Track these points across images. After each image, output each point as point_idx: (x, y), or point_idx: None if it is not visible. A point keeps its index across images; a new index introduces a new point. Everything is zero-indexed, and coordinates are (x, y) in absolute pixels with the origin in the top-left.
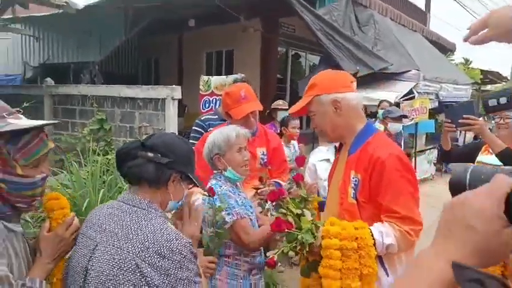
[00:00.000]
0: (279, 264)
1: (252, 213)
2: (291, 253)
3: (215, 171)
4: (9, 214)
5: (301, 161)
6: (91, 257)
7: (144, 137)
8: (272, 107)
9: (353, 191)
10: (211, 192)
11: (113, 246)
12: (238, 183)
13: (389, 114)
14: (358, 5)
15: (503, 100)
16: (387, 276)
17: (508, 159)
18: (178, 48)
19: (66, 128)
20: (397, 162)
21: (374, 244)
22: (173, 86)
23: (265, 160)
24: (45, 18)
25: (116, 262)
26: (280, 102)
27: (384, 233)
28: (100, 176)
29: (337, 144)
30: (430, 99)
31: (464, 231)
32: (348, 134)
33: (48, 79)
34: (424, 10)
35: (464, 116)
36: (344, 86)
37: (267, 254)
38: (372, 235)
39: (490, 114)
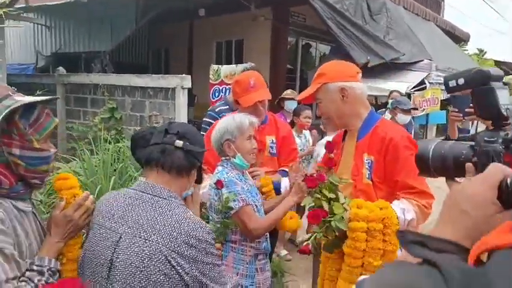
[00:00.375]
0: (287, 252)
1: (258, 200)
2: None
3: (222, 158)
4: (22, 193)
5: (331, 146)
6: (115, 249)
7: (155, 125)
8: (280, 96)
9: (368, 172)
10: (219, 185)
11: (140, 237)
12: (246, 172)
13: (399, 105)
14: None
15: (461, 81)
16: (401, 250)
17: None
18: (188, 37)
19: (78, 116)
20: (408, 142)
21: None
22: (184, 75)
23: (275, 148)
24: (58, 7)
25: (146, 254)
26: (288, 91)
27: (405, 209)
28: (111, 164)
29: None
30: (442, 89)
31: (459, 216)
32: (353, 121)
33: (61, 68)
34: None
35: (466, 110)
36: (350, 76)
37: (299, 239)
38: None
39: (450, 94)
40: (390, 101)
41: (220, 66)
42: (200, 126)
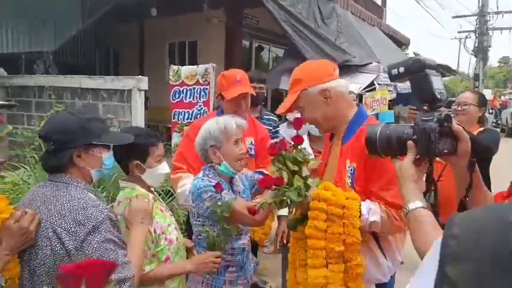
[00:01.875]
0: (267, 242)
1: (246, 200)
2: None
3: (206, 164)
4: None
5: (299, 123)
6: None
7: (111, 129)
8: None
9: (350, 180)
10: (218, 189)
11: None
12: (236, 177)
13: None
14: None
15: (401, 69)
16: (386, 259)
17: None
18: (139, 38)
19: (22, 121)
20: None
21: (360, 217)
22: (140, 76)
23: (253, 150)
24: None
25: (39, 233)
26: None
27: (372, 210)
28: None
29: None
30: (389, 90)
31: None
32: (339, 122)
33: (1, 69)
34: (381, 5)
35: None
36: (328, 74)
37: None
38: (360, 209)
39: (393, 82)
40: None
41: (180, 67)
42: (155, 129)
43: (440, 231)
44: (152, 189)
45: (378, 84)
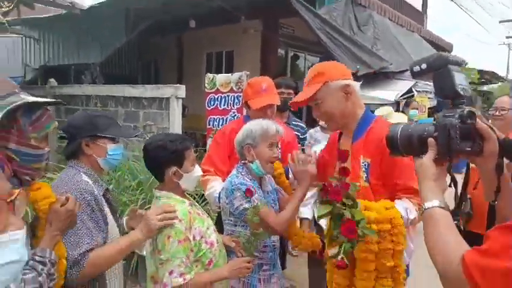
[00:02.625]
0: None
1: (273, 200)
2: None
3: (241, 161)
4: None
5: (344, 156)
6: None
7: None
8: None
9: (365, 175)
10: (249, 194)
11: None
12: (265, 177)
13: None
14: (357, 5)
15: (423, 66)
16: (411, 242)
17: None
18: (178, 49)
19: None
20: None
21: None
22: (177, 85)
23: (279, 153)
24: (46, 20)
25: None
26: None
27: (408, 208)
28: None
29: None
30: (429, 98)
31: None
32: (352, 120)
33: (52, 80)
34: (421, 11)
35: None
36: (348, 74)
37: (329, 254)
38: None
39: (415, 78)
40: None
41: (215, 74)
42: (192, 137)
43: (454, 233)
44: (186, 194)
45: (416, 91)
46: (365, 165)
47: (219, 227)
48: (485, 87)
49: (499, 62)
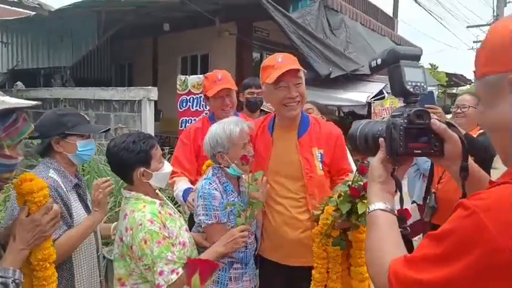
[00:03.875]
0: None
1: (233, 218)
2: None
3: (215, 164)
4: None
5: (364, 171)
6: None
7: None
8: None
9: (320, 164)
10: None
11: None
12: (243, 176)
13: None
14: (330, 10)
15: (379, 61)
16: None
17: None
18: (152, 52)
19: None
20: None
21: None
22: (149, 87)
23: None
24: (14, 22)
25: None
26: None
27: None
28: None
29: (265, 124)
30: (399, 99)
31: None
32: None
33: (19, 83)
34: (392, 16)
35: (425, 105)
36: None
37: (314, 215)
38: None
39: (373, 73)
40: None
41: (187, 76)
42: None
43: (393, 238)
44: (158, 192)
45: (387, 92)
46: (319, 156)
47: (191, 226)
48: (454, 90)
49: (468, 66)
